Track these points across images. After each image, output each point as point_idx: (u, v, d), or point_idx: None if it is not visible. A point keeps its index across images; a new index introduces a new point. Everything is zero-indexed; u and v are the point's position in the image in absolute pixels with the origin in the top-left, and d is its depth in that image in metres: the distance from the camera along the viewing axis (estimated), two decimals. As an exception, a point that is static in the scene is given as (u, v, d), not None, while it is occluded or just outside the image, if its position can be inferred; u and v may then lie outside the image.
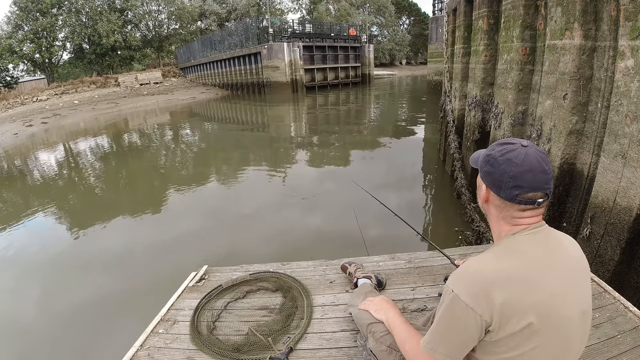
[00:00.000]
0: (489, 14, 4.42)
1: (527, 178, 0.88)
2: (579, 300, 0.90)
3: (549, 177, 0.90)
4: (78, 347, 2.93)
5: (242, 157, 9.54)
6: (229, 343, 1.63)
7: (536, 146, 0.93)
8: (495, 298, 0.83)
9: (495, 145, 0.97)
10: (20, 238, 5.14)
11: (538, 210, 0.93)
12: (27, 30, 28.79)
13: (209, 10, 37.37)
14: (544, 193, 0.90)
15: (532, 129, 3.49)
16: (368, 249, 3.12)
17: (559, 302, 0.86)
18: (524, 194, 0.89)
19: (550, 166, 0.93)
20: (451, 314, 0.89)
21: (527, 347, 0.84)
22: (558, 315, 0.85)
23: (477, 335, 0.87)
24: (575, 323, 0.89)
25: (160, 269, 3.88)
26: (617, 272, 2.30)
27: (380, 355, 1.33)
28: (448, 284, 0.91)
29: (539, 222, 0.94)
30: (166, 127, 15.86)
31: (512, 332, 0.84)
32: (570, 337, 0.89)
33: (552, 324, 0.85)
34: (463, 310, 0.85)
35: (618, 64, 2.32)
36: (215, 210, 5.66)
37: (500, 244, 0.95)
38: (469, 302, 0.85)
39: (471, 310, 0.84)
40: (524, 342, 0.84)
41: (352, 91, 25.31)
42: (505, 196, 0.91)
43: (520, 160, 0.89)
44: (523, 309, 0.83)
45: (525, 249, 0.90)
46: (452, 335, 0.90)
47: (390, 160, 8.08)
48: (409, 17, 54.16)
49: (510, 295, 0.83)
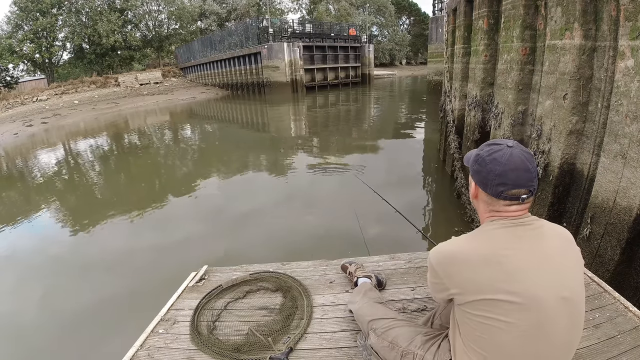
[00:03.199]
0: (489, 14, 4.42)
1: (511, 176, 0.97)
2: (557, 286, 0.95)
3: (532, 175, 0.98)
4: (78, 347, 2.93)
5: (242, 157, 9.54)
6: (229, 343, 1.63)
7: (522, 146, 1.02)
8: (454, 271, 1.02)
9: (484, 146, 1.06)
10: (21, 238, 5.14)
11: (523, 205, 1.01)
12: (27, 30, 28.77)
13: (209, 10, 37.35)
14: (528, 190, 0.98)
15: (532, 129, 3.49)
16: (368, 248, 3.12)
17: (525, 282, 0.94)
18: (509, 191, 0.98)
19: (535, 165, 1.01)
20: (429, 271, 1.12)
21: (491, 316, 0.95)
22: (525, 294, 0.92)
23: (444, 292, 1.07)
24: (553, 306, 0.93)
25: (160, 269, 3.88)
26: (617, 272, 2.30)
27: (382, 352, 1.33)
28: (430, 252, 1.12)
29: (524, 214, 1.02)
30: (166, 127, 15.85)
31: (470, 300, 0.98)
32: (547, 319, 0.93)
33: (519, 301, 0.92)
34: (432, 273, 1.09)
35: (618, 64, 2.31)
36: (215, 210, 5.66)
37: (477, 229, 1.08)
38: (437, 269, 1.06)
39: (437, 274, 1.06)
40: (487, 312, 0.96)
41: (352, 91, 25.29)
42: (491, 192, 1.01)
43: (505, 160, 0.97)
44: (479, 282, 0.96)
45: (494, 234, 1.01)
46: (431, 284, 1.14)
47: (390, 160, 8.08)
48: (409, 17, 54.16)
49: (467, 271, 0.99)
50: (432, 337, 1.24)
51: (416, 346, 1.23)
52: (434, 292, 1.13)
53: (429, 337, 1.25)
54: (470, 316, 1.00)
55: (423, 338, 1.25)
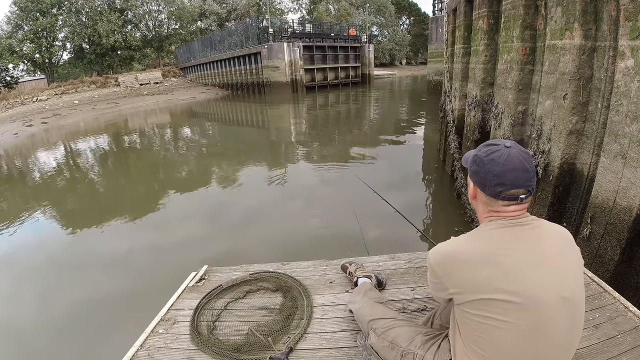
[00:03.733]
0: (489, 14, 4.41)
1: (509, 176, 0.97)
2: (557, 285, 0.94)
3: (530, 175, 0.98)
4: (78, 346, 2.93)
5: (242, 157, 9.54)
6: (229, 343, 1.63)
7: (519, 146, 1.01)
8: (453, 271, 1.02)
9: (482, 147, 1.06)
10: (21, 238, 5.14)
11: (522, 205, 1.00)
12: (27, 30, 28.74)
13: (209, 10, 37.34)
14: (527, 190, 0.98)
15: (532, 129, 3.49)
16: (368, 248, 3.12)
17: (524, 281, 0.93)
18: (507, 191, 0.98)
19: (533, 165, 1.00)
20: (429, 271, 1.12)
21: (490, 316, 0.95)
22: (524, 294, 0.92)
23: (444, 292, 1.07)
24: (553, 306, 0.93)
25: (160, 269, 3.88)
26: (617, 272, 2.30)
27: (382, 352, 1.33)
28: (429, 252, 1.12)
29: (522, 214, 1.00)
30: (166, 127, 15.85)
31: (469, 299, 0.98)
32: (547, 319, 0.93)
33: (518, 300, 0.92)
34: (432, 273, 1.09)
35: (618, 64, 2.31)
36: (215, 210, 5.66)
37: (475, 229, 1.08)
38: (436, 269, 1.06)
39: (436, 273, 1.07)
40: (486, 311, 0.95)
41: (352, 91, 25.28)
42: (490, 193, 1.00)
43: (503, 160, 0.97)
44: (478, 282, 0.96)
45: (492, 233, 1.00)
46: (431, 283, 1.14)
47: (390, 160, 8.08)
48: (409, 17, 54.16)
49: (466, 271, 0.99)
50: (432, 337, 1.24)
51: (416, 346, 1.23)
52: (434, 291, 1.14)
53: (429, 337, 1.25)
54: (470, 316, 1.00)
55: (423, 338, 1.25)
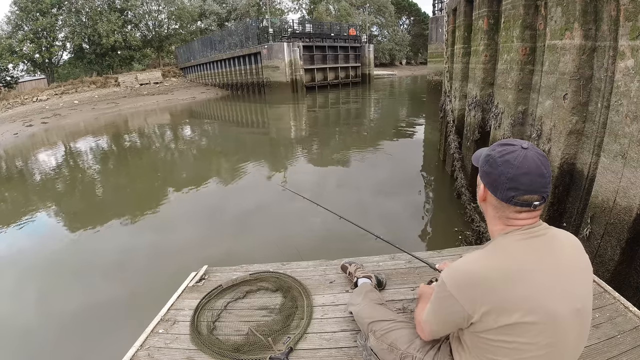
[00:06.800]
0: (489, 14, 4.41)
1: (524, 180, 0.89)
2: (572, 298, 0.90)
3: (546, 181, 0.90)
4: (78, 347, 2.93)
5: (242, 157, 9.53)
6: (229, 343, 1.63)
7: (537, 149, 0.93)
8: (477, 294, 0.90)
9: (496, 146, 0.97)
10: (21, 239, 5.14)
11: (534, 212, 0.93)
12: (27, 30, 28.76)
13: (209, 10, 37.32)
14: (541, 196, 0.90)
15: (532, 129, 3.49)
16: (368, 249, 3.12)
17: (546, 299, 0.87)
18: (520, 196, 0.90)
19: (550, 169, 0.92)
20: (439, 297, 1.00)
21: (512, 340, 0.88)
22: (545, 313, 0.87)
23: (458, 321, 0.96)
24: (568, 320, 0.89)
25: (160, 269, 3.88)
26: (617, 272, 2.30)
27: (381, 354, 1.32)
28: (442, 273, 1.00)
29: (535, 222, 0.95)
30: (166, 127, 15.84)
31: (493, 326, 0.90)
32: (562, 334, 0.90)
33: (540, 320, 0.87)
34: (448, 297, 0.95)
35: (618, 64, 2.31)
36: (215, 211, 5.66)
37: (492, 243, 0.98)
38: (454, 292, 0.94)
39: (455, 299, 0.93)
40: (508, 336, 0.89)
41: (352, 91, 25.29)
42: (501, 197, 0.93)
43: (518, 163, 0.89)
44: (503, 306, 0.88)
45: (513, 249, 0.92)
46: (438, 314, 1.03)
47: (390, 160, 8.08)
48: (409, 17, 54.13)
49: (492, 293, 0.89)
50: (432, 340, 1.22)
51: (415, 349, 1.22)
52: (442, 318, 1.02)
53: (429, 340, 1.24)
54: (488, 342, 0.93)
55: (423, 341, 1.23)
